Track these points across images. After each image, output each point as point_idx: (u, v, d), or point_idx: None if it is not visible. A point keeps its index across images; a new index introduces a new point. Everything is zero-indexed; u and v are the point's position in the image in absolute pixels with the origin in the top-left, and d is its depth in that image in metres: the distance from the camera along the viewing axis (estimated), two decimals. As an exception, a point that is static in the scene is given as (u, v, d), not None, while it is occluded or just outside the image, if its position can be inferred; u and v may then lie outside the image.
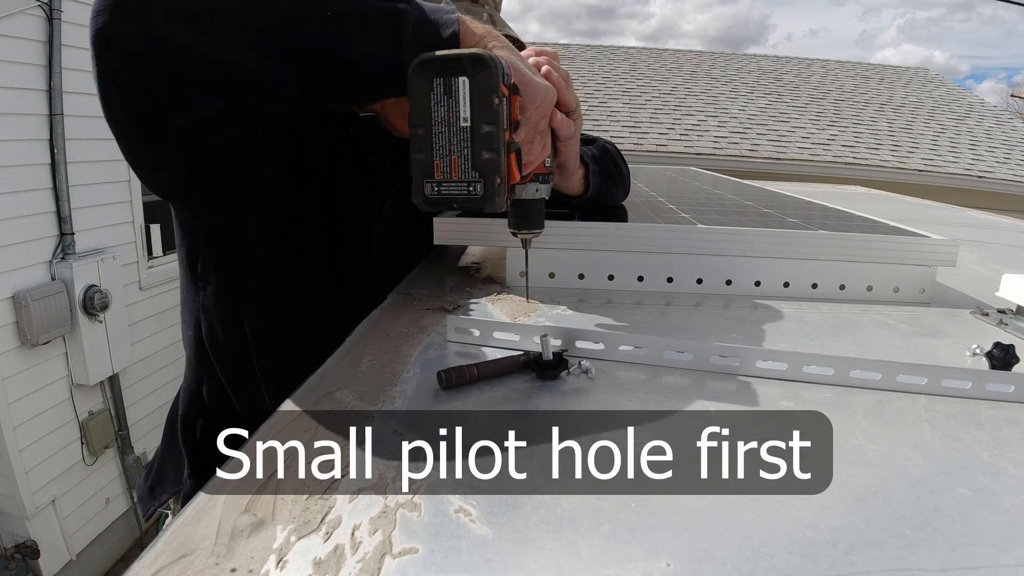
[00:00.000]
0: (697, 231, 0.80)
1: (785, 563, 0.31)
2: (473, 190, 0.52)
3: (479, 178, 0.52)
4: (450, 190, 0.52)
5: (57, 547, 3.37)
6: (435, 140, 0.52)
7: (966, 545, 0.33)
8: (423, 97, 0.51)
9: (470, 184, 0.52)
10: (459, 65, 0.50)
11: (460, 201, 0.53)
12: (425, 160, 0.52)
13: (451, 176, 0.52)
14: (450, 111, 0.51)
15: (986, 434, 0.45)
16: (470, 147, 0.51)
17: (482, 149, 0.51)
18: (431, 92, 0.51)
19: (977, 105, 8.72)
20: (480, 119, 0.51)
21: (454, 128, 0.51)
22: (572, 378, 0.52)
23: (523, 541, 0.32)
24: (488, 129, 0.51)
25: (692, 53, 10.26)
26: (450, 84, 0.51)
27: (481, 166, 0.52)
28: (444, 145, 0.52)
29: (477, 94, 0.50)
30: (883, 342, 0.65)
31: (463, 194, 0.52)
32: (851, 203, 1.52)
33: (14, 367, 3.06)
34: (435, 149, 0.52)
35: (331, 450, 0.40)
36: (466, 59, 0.50)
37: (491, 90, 0.50)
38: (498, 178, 0.52)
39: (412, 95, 0.52)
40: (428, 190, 0.53)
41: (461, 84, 0.50)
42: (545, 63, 0.66)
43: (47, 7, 3.07)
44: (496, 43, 0.59)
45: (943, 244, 0.79)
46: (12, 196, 2.94)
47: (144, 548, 0.32)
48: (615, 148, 1.01)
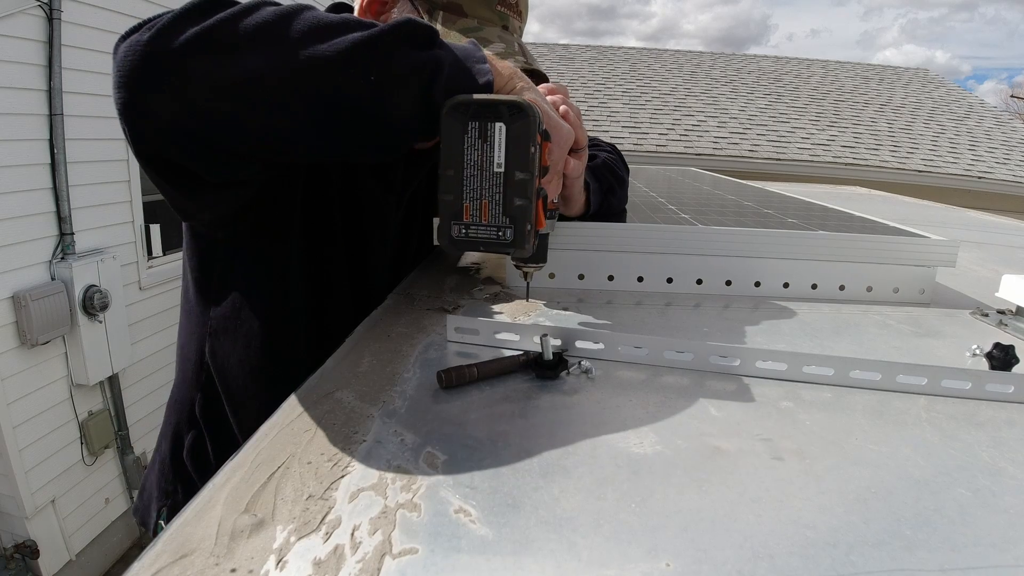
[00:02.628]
0: (697, 231, 0.80)
1: (785, 563, 0.31)
2: (503, 235, 0.52)
3: (509, 224, 0.52)
4: (478, 233, 0.52)
5: (57, 547, 3.37)
6: (466, 183, 0.51)
7: (966, 545, 0.33)
8: (457, 140, 0.51)
9: (500, 229, 0.52)
10: (496, 111, 0.50)
11: (488, 245, 0.52)
12: (454, 202, 0.52)
13: (480, 220, 0.52)
14: (484, 156, 0.51)
15: (986, 434, 0.45)
16: (502, 193, 0.51)
17: (515, 196, 0.51)
18: (465, 135, 0.51)
19: (977, 106, 8.72)
20: (515, 166, 0.51)
21: (487, 173, 0.51)
22: (572, 378, 0.52)
23: (523, 542, 0.32)
24: (522, 176, 0.51)
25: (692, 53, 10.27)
26: (485, 129, 0.50)
27: (513, 212, 0.52)
28: (475, 189, 0.52)
29: (514, 142, 0.50)
30: (883, 342, 0.65)
31: (492, 238, 0.52)
32: (851, 203, 1.52)
33: (14, 367, 3.05)
34: (465, 192, 0.52)
35: (331, 450, 0.40)
36: (504, 106, 0.50)
37: (528, 139, 0.50)
38: (528, 224, 0.52)
39: (445, 137, 0.51)
40: (456, 232, 0.52)
41: (497, 130, 0.50)
42: (562, 102, 0.66)
43: (47, 7, 3.06)
44: (523, 84, 0.59)
45: (943, 245, 0.79)
46: (12, 196, 2.93)
47: (144, 548, 0.32)
48: (617, 154, 1.00)
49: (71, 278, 3.22)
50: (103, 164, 3.47)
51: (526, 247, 0.52)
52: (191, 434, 0.85)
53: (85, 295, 3.30)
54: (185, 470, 0.85)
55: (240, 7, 0.52)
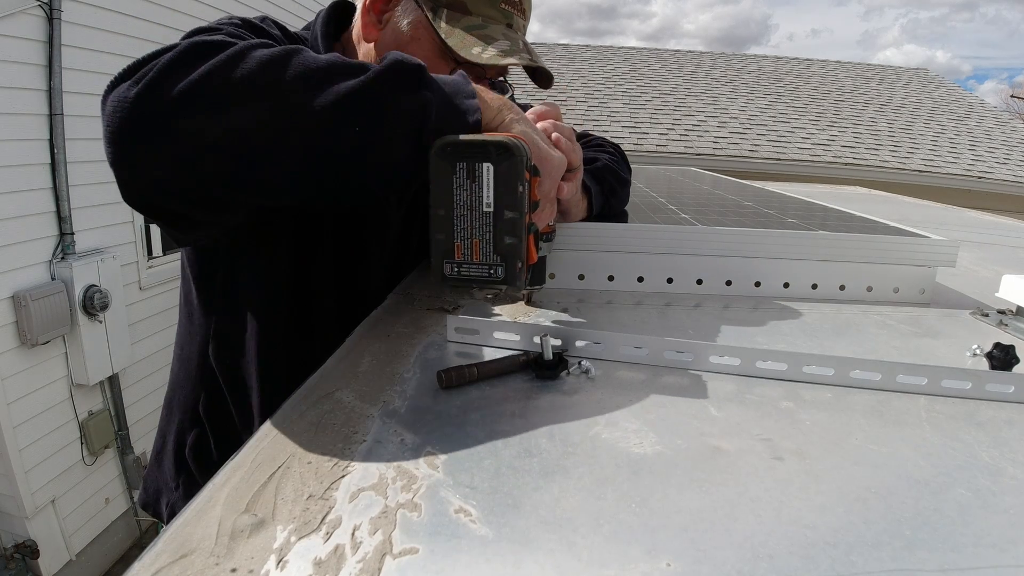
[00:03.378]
0: (697, 231, 0.80)
1: (785, 563, 0.31)
2: (494, 273, 0.52)
3: (500, 262, 0.52)
4: (470, 272, 0.53)
5: (57, 547, 3.37)
6: (456, 223, 0.52)
7: (966, 546, 0.33)
8: (446, 180, 0.51)
9: (491, 267, 0.52)
10: (484, 152, 0.50)
11: (480, 282, 0.53)
12: (446, 241, 0.52)
13: (472, 259, 0.52)
14: (472, 195, 0.51)
15: (986, 435, 0.45)
16: (492, 232, 0.52)
17: (505, 234, 0.52)
18: (454, 175, 0.51)
19: (977, 106, 8.72)
20: (503, 205, 0.51)
21: (476, 212, 0.51)
22: (572, 378, 0.52)
23: (523, 541, 0.32)
24: (511, 215, 0.51)
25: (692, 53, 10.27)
26: (473, 169, 0.51)
27: (503, 251, 0.52)
28: (466, 228, 0.52)
29: (501, 181, 0.51)
30: (883, 342, 0.65)
31: (484, 276, 0.53)
32: (851, 203, 1.52)
33: (14, 367, 3.05)
34: (456, 231, 0.52)
35: (331, 450, 0.40)
36: (491, 146, 0.51)
37: (516, 178, 0.50)
38: (519, 262, 0.52)
39: (434, 178, 0.52)
40: (448, 270, 0.53)
41: (485, 170, 0.50)
42: (552, 128, 0.66)
43: (47, 7, 3.06)
44: (513, 116, 0.59)
45: (943, 245, 0.79)
46: (12, 196, 2.93)
47: (144, 548, 0.32)
48: (620, 154, 1.00)
49: (71, 278, 3.21)
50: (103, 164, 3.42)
51: (517, 283, 0.53)
52: (194, 432, 0.85)
53: (85, 295, 3.30)
54: (187, 466, 0.86)
55: (227, 56, 0.51)
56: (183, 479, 0.86)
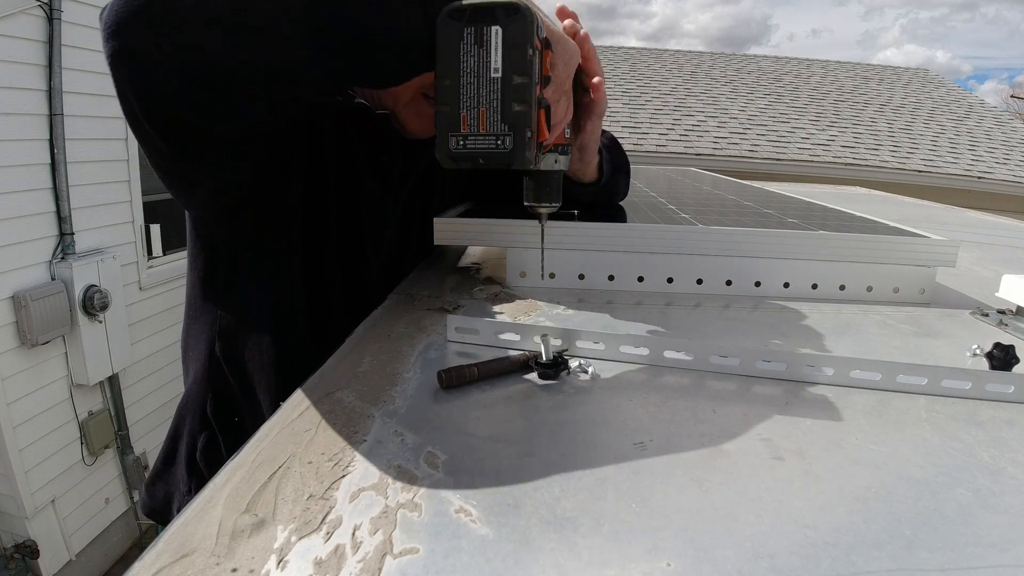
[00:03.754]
0: (697, 231, 0.80)
1: (785, 563, 0.31)
2: (502, 144, 0.49)
3: (508, 131, 0.49)
4: (476, 144, 0.49)
5: (57, 547, 3.37)
6: (463, 92, 0.49)
7: (966, 545, 0.33)
8: (453, 46, 0.48)
9: (499, 138, 0.49)
10: (492, 14, 0.48)
11: (487, 156, 0.49)
12: (451, 112, 0.49)
13: (478, 129, 0.49)
14: (480, 62, 0.48)
15: (986, 435, 0.45)
16: (500, 99, 0.48)
17: (513, 101, 0.48)
18: (461, 42, 0.48)
19: (977, 106, 8.72)
20: (512, 70, 0.48)
21: (483, 79, 0.48)
22: (572, 378, 0.53)
23: (523, 541, 0.32)
24: (520, 80, 0.48)
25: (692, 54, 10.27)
26: (482, 33, 0.48)
27: (512, 119, 0.48)
28: (472, 97, 0.49)
29: (510, 44, 0.48)
30: (883, 342, 0.65)
31: (491, 148, 0.49)
32: (851, 203, 1.52)
33: (14, 367, 3.06)
34: (462, 101, 0.49)
35: (332, 450, 0.40)
36: (500, 8, 0.48)
37: (525, 40, 0.48)
38: (528, 131, 0.49)
39: (441, 45, 0.49)
40: (453, 144, 0.49)
41: (494, 33, 0.48)
42: (572, 28, 0.63)
43: (47, 7, 3.06)
44: None
45: (943, 245, 0.79)
46: (12, 196, 2.94)
47: (144, 548, 0.32)
48: (617, 145, 1.01)
49: (71, 278, 3.22)
50: (103, 164, 3.47)
51: (526, 155, 0.49)
52: (204, 435, 0.85)
53: (85, 295, 3.30)
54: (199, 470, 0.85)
55: None
56: (195, 483, 0.86)
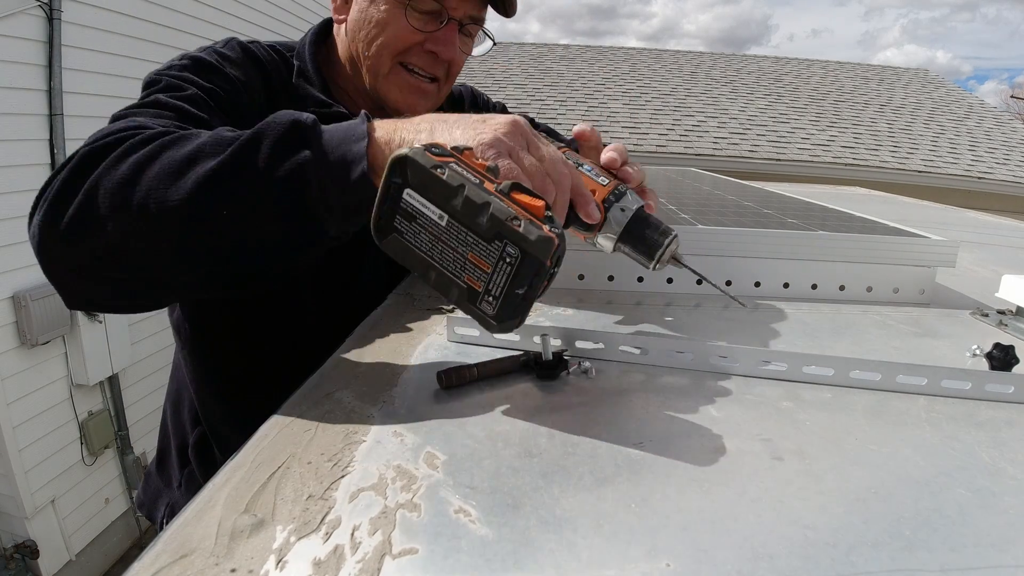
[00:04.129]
0: (697, 231, 0.80)
1: (785, 564, 0.31)
2: (516, 255, 0.41)
3: (502, 240, 0.41)
4: (499, 283, 0.42)
5: (56, 547, 3.36)
6: (447, 266, 0.43)
7: (965, 546, 0.33)
8: (403, 246, 0.44)
9: (502, 257, 0.41)
10: (394, 190, 0.43)
11: (517, 279, 0.42)
12: (459, 289, 0.44)
13: (486, 272, 0.42)
14: (428, 227, 0.43)
15: (986, 435, 0.45)
16: (468, 230, 0.42)
17: (476, 219, 0.41)
18: (403, 236, 0.44)
19: (977, 106, 8.72)
20: (446, 203, 0.42)
21: (446, 236, 0.43)
22: (572, 378, 0.52)
23: (523, 542, 0.32)
24: (459, 200, 0.41)
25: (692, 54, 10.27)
26: (406, 211, 0.43)
27: (490, 229, 0.41)
28: (457, 258, 0.43)
29: (424, 189, 0.42)
30: (883, 343, 0.65)
31: (510, 271, 0.42)
32: (851, 204, 1.52)
33: (14, 367, 3.05)
34: (454, 272, 0.43)
35: (331, 450, 0.40)
36: (392, 180, 0.43)
37: (429, 174, 0.42)
38: (516, 221, 0.41)
39: (395, 254, 0.45)
40: (490, 310, 0.43)
41: (409, 198, 0.43)
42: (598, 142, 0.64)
43: (47, 7, 3.06)
44: (409, 129, 0.50)
45: (943, 245, 0.79)
46: (12, 196, 2.93)
47: (144, 548, 0.32)
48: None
49: (71, 278, 3.21)
50: (103, 164, 3.47)
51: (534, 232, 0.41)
52: (196, 431, 0.85)
53: (85, 295, 3.30)
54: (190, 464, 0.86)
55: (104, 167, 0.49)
56: (185, 477, 0.86)
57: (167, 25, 3.80)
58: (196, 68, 0.68)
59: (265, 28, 4.82)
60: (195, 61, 0.69)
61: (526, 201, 0.43)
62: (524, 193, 0.44)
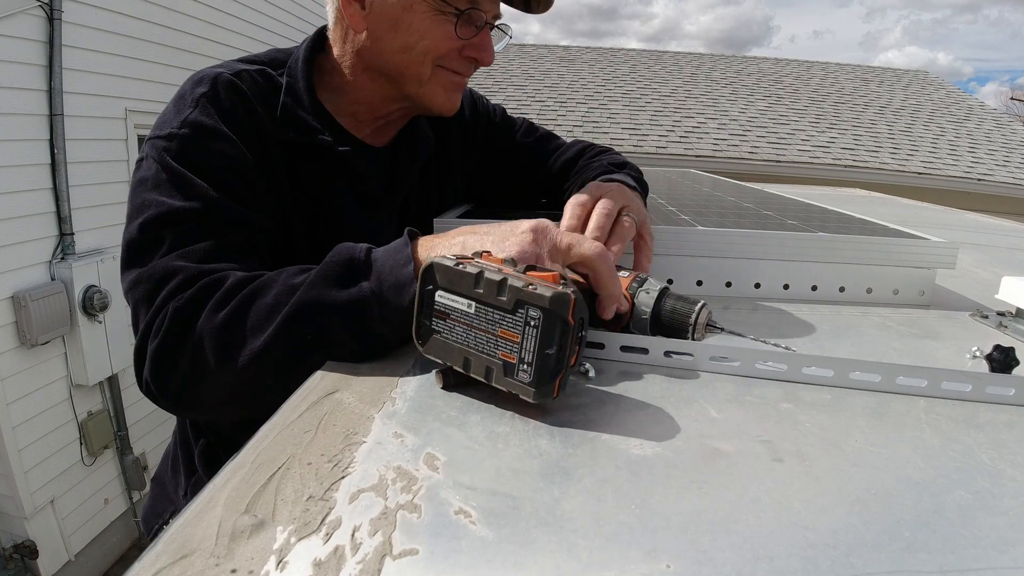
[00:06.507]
0: (697, 233, 0.80)
1: (785, 565, 0.31)
2: (535, 318, 0.44)
3: (523, 307, 0.44)
4: (529, 349, 0.44)
5: (56, 547, 3.36)
6: (482, 349, 0.47)
7: (965, 547, 0.33)
8: (442, 345, 0.49)
9: (527, 323, 0.44)
10: (427, 297, 0.50)
11: (545, 340, 0.44)
12: (496, 367, 0.46)
13: (516, 342, 0.45)
14: (460, 319, 0.48)
15: (986, 437, 0.45)
16: (493, 308, 0.46)
17: (498, 296, 0.45)
18: (441, 335, 0.49)
19: (977, 108, 8.73)
20: (471, 291, 0.47)
21: (475, 322, 0.47)
22: (572, 378, 0.52)
23: (523, 542, 0.32)
24: (481, 285, 0.46)
25: (692, 55, 10.28)
26: (440, 311, 0.49)
27: (511, 299, 0.45)
28: (488, 340, 0.46)
29: (451, 285, 0.48)
30: (883, 344, 0.65)
31: (536, 333, 0.44)
32: (850, 205, 1.52)
33: (13, 367, 3.05)
34: (489, 352, 0.46)
35: (331, 451, 0.40)
36: (424, 288, 0.50)
37: (454, 271, 0.48)
38: (531, 286, 0.44)
39: (438, 356, 0.50)
40: (524, 377, 0.45)
41: (440, 298, 0.49)
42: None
43: (47, 7, 3.06)
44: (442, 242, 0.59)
45: (942, 246, 0.79)
46: (12, 196, 2.93)
47: (143, 549, 0.32)
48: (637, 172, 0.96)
49: (71, 278, 3.21)
50: (103, 164, 3.47)
51: (549, 290, 0.44)
52: (201, 441, 0.85)
53: (85, 295, 3.29)
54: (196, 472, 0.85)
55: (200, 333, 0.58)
56: (192, 485, 0.86)
57: (167, 25, 3.80)
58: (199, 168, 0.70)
59: (265, 28, 4.82)
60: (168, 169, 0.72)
61: (540, 273, 0.48)
62: (538, 270, 0.49)
